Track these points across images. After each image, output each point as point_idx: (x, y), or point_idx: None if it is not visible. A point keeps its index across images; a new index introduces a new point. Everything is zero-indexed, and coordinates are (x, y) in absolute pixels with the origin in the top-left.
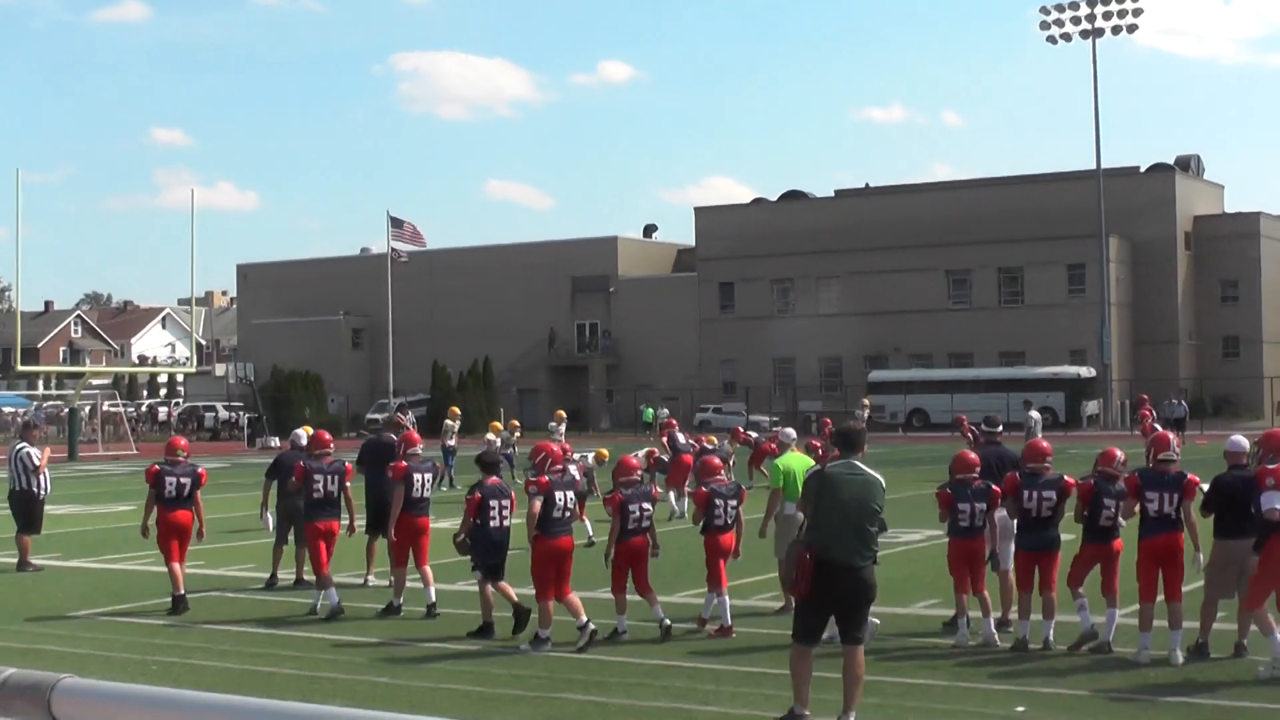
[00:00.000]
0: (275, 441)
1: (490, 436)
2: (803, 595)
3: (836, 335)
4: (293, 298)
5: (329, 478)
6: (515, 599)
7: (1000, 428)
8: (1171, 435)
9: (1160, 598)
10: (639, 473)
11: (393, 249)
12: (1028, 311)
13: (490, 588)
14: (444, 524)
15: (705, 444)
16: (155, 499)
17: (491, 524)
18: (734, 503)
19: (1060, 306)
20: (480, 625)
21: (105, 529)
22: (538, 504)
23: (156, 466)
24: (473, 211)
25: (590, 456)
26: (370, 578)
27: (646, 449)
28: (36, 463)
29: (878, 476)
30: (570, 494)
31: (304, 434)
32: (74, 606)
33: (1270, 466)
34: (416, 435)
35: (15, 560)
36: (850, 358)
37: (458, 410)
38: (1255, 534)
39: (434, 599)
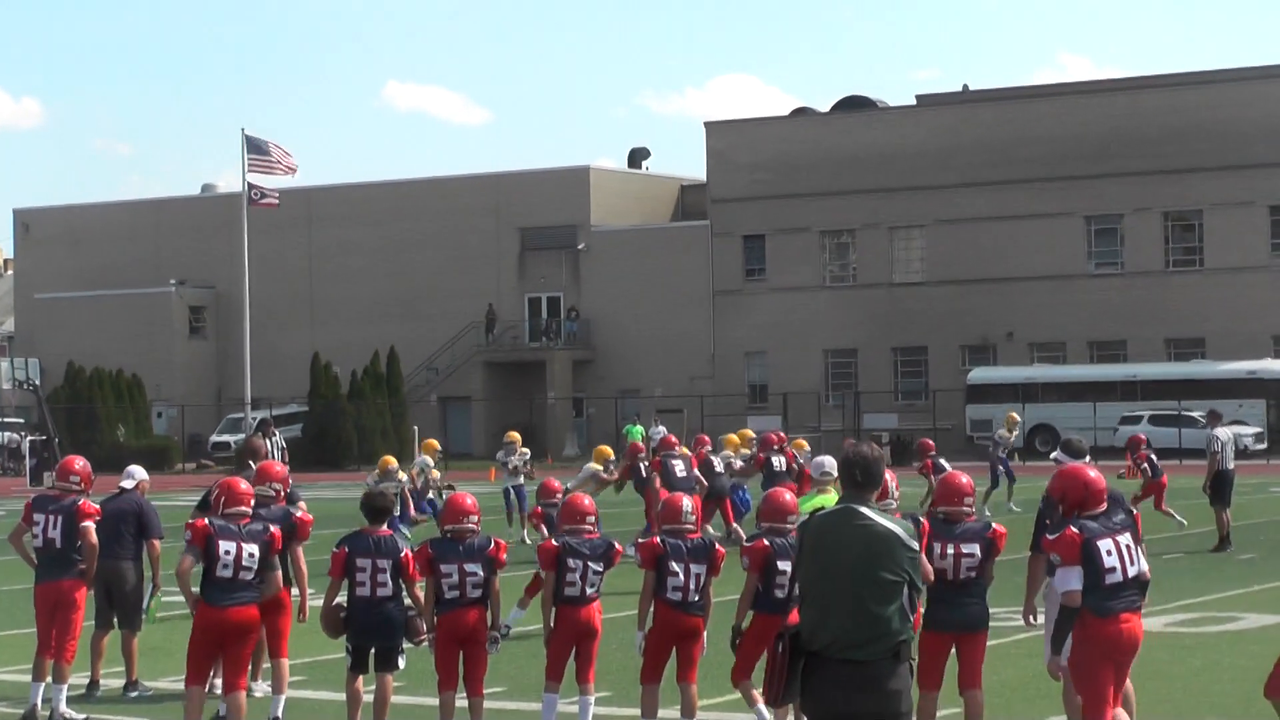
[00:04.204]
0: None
1: (425, 459)
2: (774, 701)
3: (918, 314)
4: (98, 260)
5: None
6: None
7: (1087, 457)
8: None
9: None
10: (591, 518)
11: (251, 186)
12: (1209, 278)
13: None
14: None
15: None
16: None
17: (359, 592)
18: (696, 567)
19: (1259, 270)
20: None
21: None
22: (188, 559)
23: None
24: (366, 130)
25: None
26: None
27: (602, 463)
28: None
29: (894, 528)
30: (255, 547)
31: (134, 473)
32: None
33: (1070, 530)
34: (278, 466)
35: None
36: (939, 349)
37: (436, 444)
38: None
39: (280, 712)
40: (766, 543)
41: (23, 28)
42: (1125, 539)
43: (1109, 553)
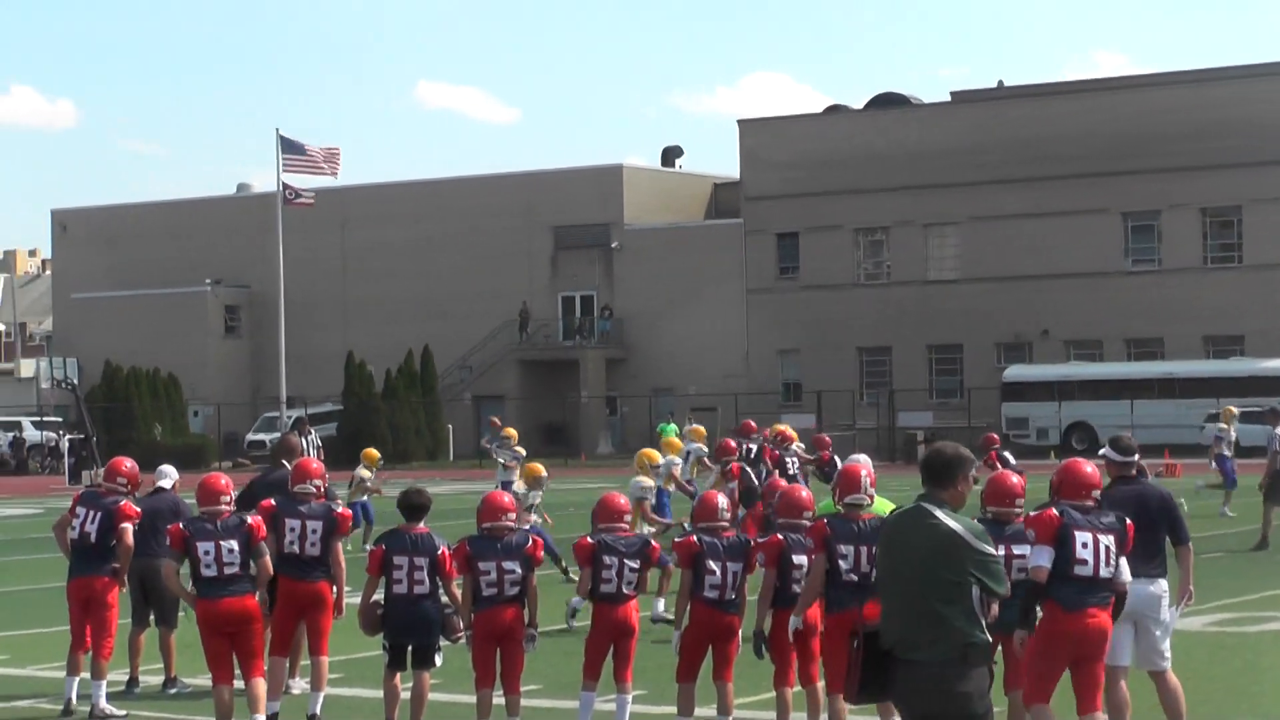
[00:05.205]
0: None
1: (699, 445)
2: (850, 698)
3: (953, 312)
4: (134, 260)
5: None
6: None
7: (1136, 455)
8: None
9: None
10: (628, 516)
11: (285, 186)
12: (1248, 275)
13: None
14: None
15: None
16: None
17: (396, 589)
18: (729, 565)
19: None
20: None
21: None
22: (169, 565)
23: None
24: (398, 130)
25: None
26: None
27: (717, 481)
28: None
29: (958, 529)
30: (234, 543)
31: (170, 472)
32: None
33: (1050, 511)
34: (315, 463)
35: None
36: (975, 346)
37: (375, 454)
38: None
39: (319, 709)
40: (780, 537)
41: (55, 29)
42: (1107, 540)
43: (1084, 545)
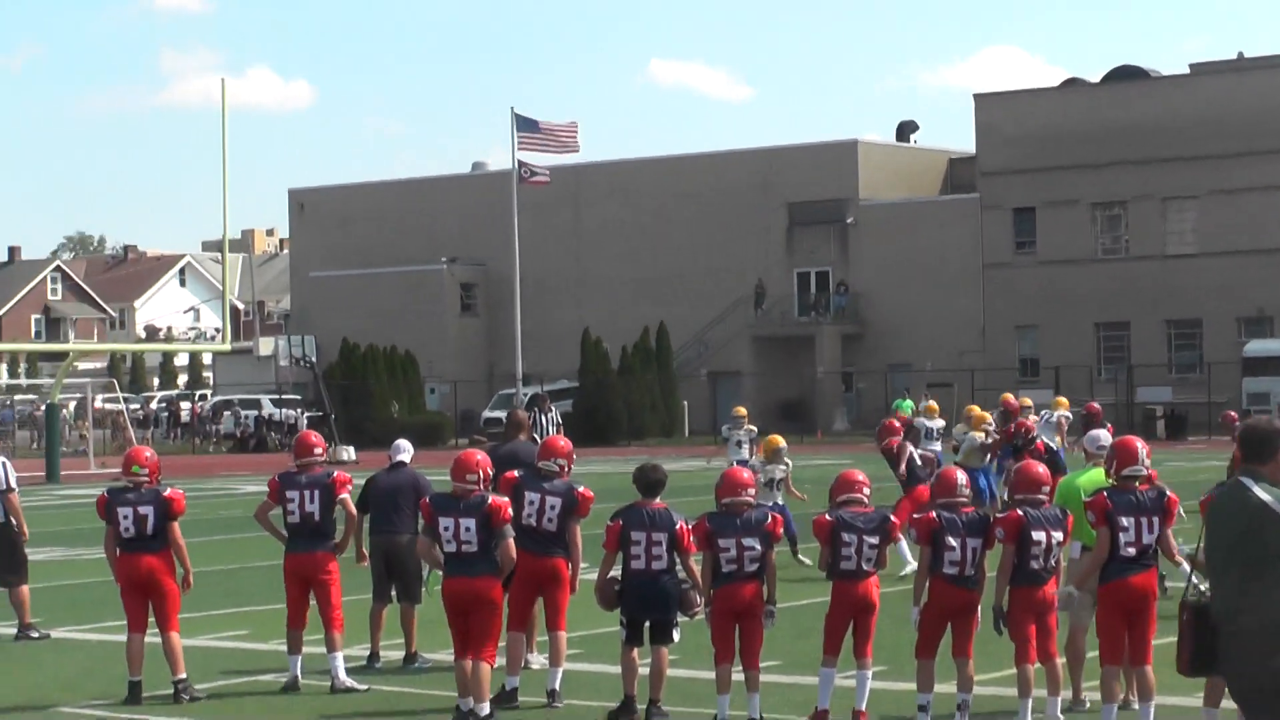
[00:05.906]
0: (349, 453)
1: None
2: (1184, 671)
3: (1193, 287)
4: (371, 239)
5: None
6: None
7: None
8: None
9: None
10: (868, 490)
11: (521, 164)
12: None
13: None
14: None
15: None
16: (112, 539)
17: (634, 565)
18: (965, 540)
19: None
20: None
21: (103, 583)
22: (422, 540)
23: (106, 495)
24: (631, 107)
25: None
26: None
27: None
28: (12, 483)
29: (1269, 500)
30: (471, 521)
31: (407, 446)
32: (58, 697)
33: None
34: (562, 441)
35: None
36: (1215, 320)
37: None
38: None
39: (558, 684)
40: (1020, 513)
41: (290, 11)
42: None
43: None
